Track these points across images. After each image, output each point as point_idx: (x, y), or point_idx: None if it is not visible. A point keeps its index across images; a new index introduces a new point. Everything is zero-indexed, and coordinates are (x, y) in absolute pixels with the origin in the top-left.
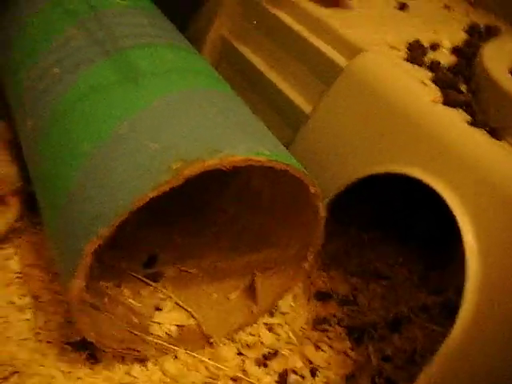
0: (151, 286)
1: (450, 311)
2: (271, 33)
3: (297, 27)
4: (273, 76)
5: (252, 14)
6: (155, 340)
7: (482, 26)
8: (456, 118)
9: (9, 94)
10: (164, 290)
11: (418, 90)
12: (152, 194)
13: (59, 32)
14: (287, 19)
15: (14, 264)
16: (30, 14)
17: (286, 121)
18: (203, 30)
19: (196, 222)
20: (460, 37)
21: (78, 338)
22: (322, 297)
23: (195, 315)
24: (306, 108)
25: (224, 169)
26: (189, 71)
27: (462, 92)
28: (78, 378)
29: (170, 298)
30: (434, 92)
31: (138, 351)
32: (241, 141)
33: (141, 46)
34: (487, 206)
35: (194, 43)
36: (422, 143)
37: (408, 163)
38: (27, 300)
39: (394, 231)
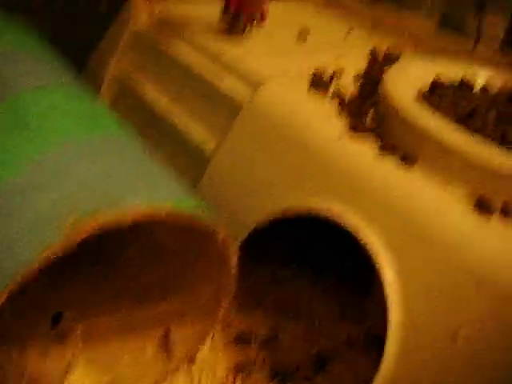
0: (59, 345)
1: (373, 341)
2: (170, 69)
3: (195, 62)
4: (173, 113)
5: (149, 50)
6: None
7: (383, 50)
8: (363, 148)
9: None
10: (74, 349)
11: (323, 123)
12: (40, 263)
13: None
14: (185, 55)
15: None
16: None
17: (189, 160)
18: (100, 68)
19: (101, 274)
20: (363, 62)
21: None
22: (242, 340)
23: (110, 374)
24: (210, 145)
25: (124, 225)
26: (84, 115)
27: (367, 119)
28: None
29: (81, 356)
30: (340, 124)
31: None
32: (142, 189)
33: (32, 89)
34: (403, 238)
35: (92, 82)
36: (331, 177)
37: (317, 199)
38: None
39: (308, 266)
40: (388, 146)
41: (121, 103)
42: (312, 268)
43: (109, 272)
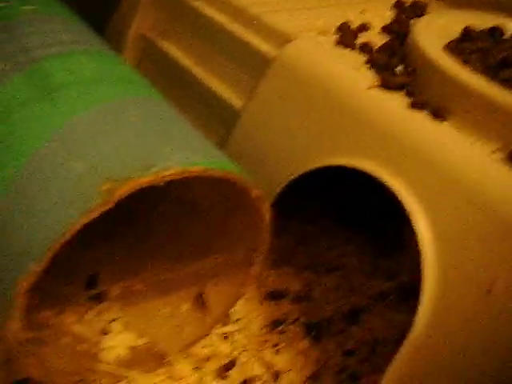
0: (96, 308)
1: (406, 295)
2: (194, 27)
3: (219, 18)
4: (199, 72)
5: (173, 7)
6: (106, 367)
7: (408, 2)
8: (394, 102)
9: None
10: (110, 311)
11: (353, 76)
12: (82, 222)
13: None
14: (209, 11)
15: None
16: None
17: (217, 119)
18: (122, 28)
19: (136, 234)
20: (388, 15)
21: (24, 376)
22: (275, 296)
23: (146, 333)
24: (238, 103)
25: (158, 185)
26: (111, 79)
27: (397, 74)
28: None
29: (118, 318)
30: (370, 76)
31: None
32: (174, 152)
33: (56, 55)
34: (435, 190)
35: (114, 44)
36: (362, 131)
37: (349, 153)
38: None
39: (340, 221)
40: (418, 100)
41: (145, 64)
42: (344, 224)
43: (142, 233)
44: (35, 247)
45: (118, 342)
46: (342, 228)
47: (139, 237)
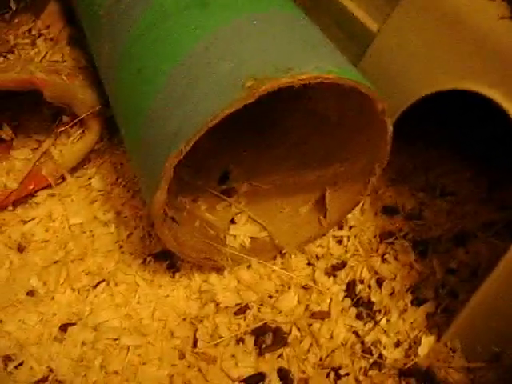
0: (226, 200)
1: None
2: None
3: None
4: None
5: None
6: (230, 251)
7: None
8: None
9: (84, 20)
10: (238, 205)
11: (485, 5)
12: (228, 111)
13: None
14: None
15: (96, 183)
16: None
17: (352, 40)
18: None
19: (265, 142)
20: None
21: (159, 250)
22: (389, 211)
23: (267, 228)
24: (373, 26)
25: (296, 86)
26: None
27: None
28: (160, 286)
29: (244, 212)
30: (503, 7)
31: (214, 261)
32: (311, 59)
33: None
34: None
35: None
36: (490, 59)
37: (475, 79)
38: (110, 215)
39: (459, 147)
40: None
41: None
42: (463, 151)
43: (272, 140)
44: (186, 129)
45: (243, 232)
46: (461, 155)
47: (269, 144)
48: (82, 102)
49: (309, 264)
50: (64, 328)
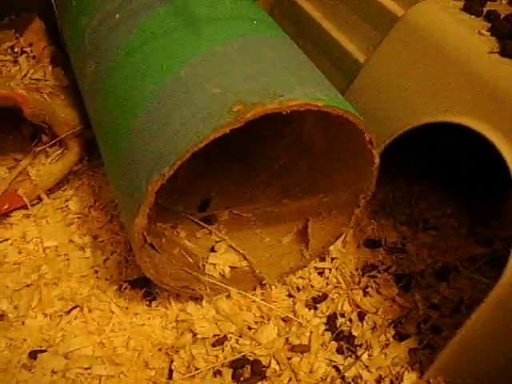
0: (206, 228)
1: (497, 263)
2: None
3: None
4: (327, 25)
5: None
6: (209, 280)
7: None
8: None
9: (68, 40)
10: (218, 233)
11: (474, 41)
12: (215, 135)
13: None
14: None
15: (73, 205)
16: None
17: (339, 70)
18: None
19: (247, 170)
20: None
21: (136, 276)
22: (371, 244)
23: (248, 257)
24: (360, 57)
25: (283, 113)
26: (248, 18)
27: None
28: (136, 314)
29: (224, 240)
30: (492, 42)
31: (193, 290)
32: (299, 86)
33: None
34: None
35: None
36: (477, 93)
37: (461, 113)
38: (87, 239)
39: (442, 182)
40: None
41: (276, 11)
42: (446, 186)
43: (255, 166)
44: (170, 153)
45: (223, 261)
46: (444, 189)
47: (250, 173)
48: (63, 122)
49: (289, 296)
50: (33, 355)
